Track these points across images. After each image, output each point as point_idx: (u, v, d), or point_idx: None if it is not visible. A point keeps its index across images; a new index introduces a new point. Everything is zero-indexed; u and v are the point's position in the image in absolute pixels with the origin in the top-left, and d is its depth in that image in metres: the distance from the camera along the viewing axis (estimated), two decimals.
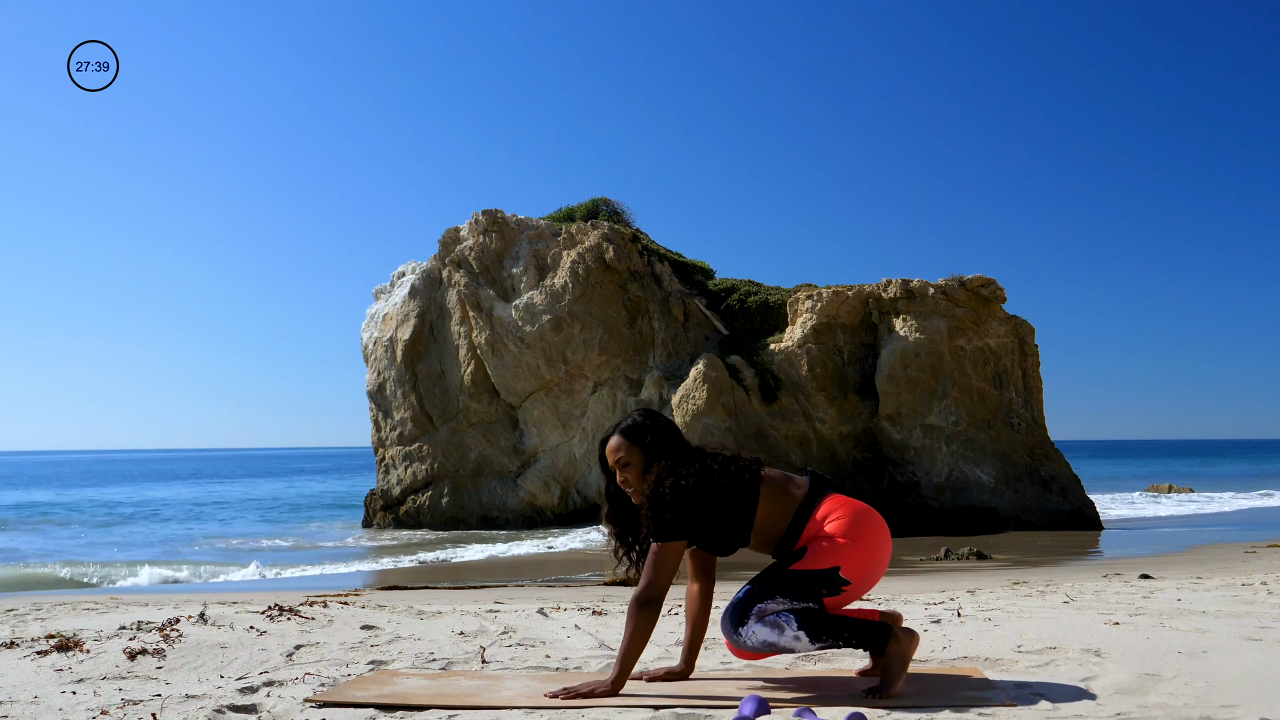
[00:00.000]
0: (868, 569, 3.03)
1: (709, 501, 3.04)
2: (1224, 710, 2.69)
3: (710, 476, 3.06)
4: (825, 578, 2.98)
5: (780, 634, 2.97)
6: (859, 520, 3.04)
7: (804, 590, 2.99)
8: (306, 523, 24.98)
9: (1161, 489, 32.96)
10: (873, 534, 3.04)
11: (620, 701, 2.90)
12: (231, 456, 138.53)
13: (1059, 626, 4.23)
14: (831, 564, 2.98)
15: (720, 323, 20.11)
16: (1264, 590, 5.79)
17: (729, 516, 3.07)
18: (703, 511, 3.04)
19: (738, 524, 3.08)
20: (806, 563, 3.00)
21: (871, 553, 3.03)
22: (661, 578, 3.01)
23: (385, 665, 3.62)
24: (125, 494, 40.41)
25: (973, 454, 18.57)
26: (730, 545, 3.13)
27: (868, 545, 3.02)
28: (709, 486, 3.04)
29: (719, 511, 3.06)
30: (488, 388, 20.90)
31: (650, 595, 3.00)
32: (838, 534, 3.01)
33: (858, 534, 3.02)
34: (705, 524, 3.06)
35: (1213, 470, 53.58)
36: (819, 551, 3.00)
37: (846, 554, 2.99)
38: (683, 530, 3.02)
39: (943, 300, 18.79)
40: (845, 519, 3.03)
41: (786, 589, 2.99)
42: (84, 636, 3.93)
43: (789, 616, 2.97)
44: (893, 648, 2.96)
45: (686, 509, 3.00)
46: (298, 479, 55.49)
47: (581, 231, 20.41)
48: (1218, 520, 21.45)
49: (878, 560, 3.05)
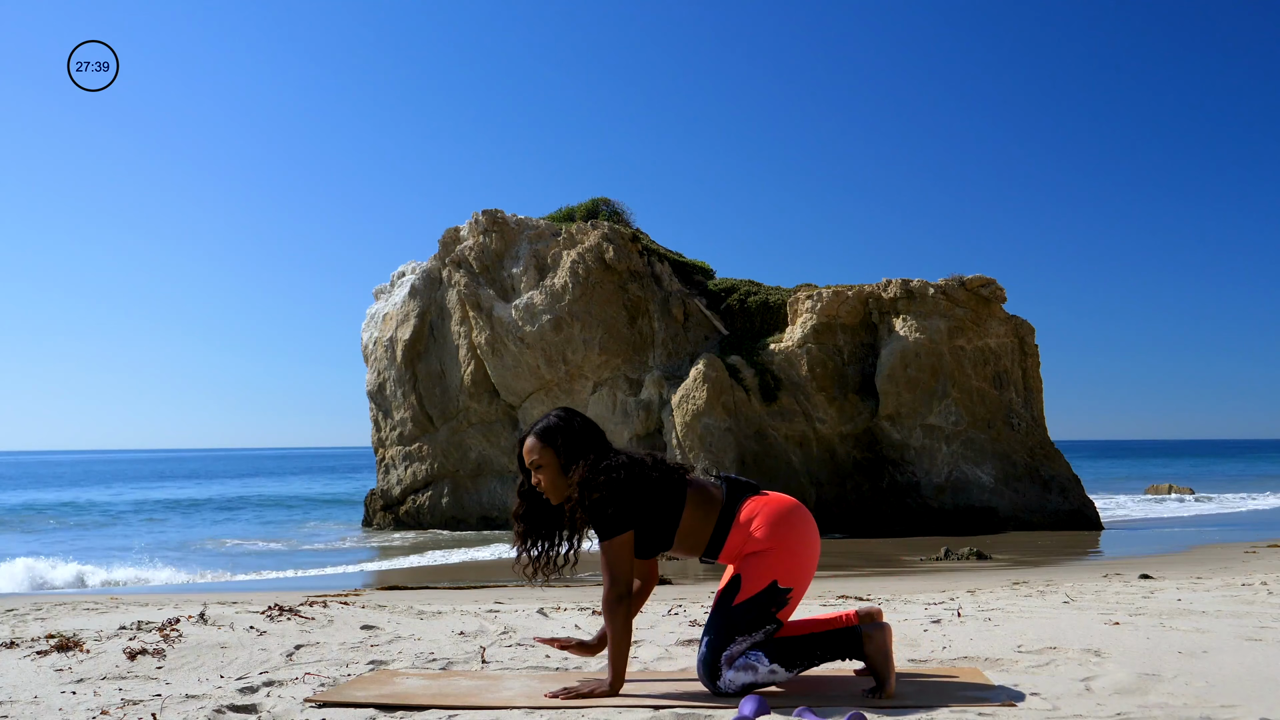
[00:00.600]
0: (800, 568, 3.03)
1: (641, 495, 3.04)
2: (1224, 710, 2.69)
3: (643, 471, 3.06)
4: (768, 597, 2.99)
5: (755, 673, 2.98)
6: (779, 520, 3.04)
7: (756, 620, 2.99)
8: (306, 523, 24.99)
9: (1161, 489, 32.95)
10: (794, 530, 3.04)
11: (620, 701, 2.90)
12: (231, 456, 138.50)
13: (1059, 626, 4.23)
14: (768, 580, 2.99)
15: (720, 323, 20.10)
16: (1264, 590, 5.79)
17: (656, 516, 3.08)
18: (637, 504, 3.04)
19: (663, 525, 3.09)
20: (745, 591, 3.00)
21: (799, 551, 3.03)
22: (621, 573, 3.01)
23: (385, 665, 3.62)
24: (125, 494, 40.40)
25: (973, 454, 18.57)
26: (655, 546, 3.13)
27: (793, 545, 3.02)
28: (642, 480, 3.04)
29: (648, 509, 3.06)
30: (488, 388, 20.90)
31: (617, 593, 3.00)
32: (760, 545, 3.02)
33: (780, 536, 3.02)
34: (640, 518, 3.06)
35: (1213, 470, 53.58)
36: (751, 574, 3.01)
37: (775, 563, 3.00)
38: (626, 521, 3.02)
39: (943, 300, 18.79)
40: (765, 524, 3.03)
41: (740, 626, 2.99)
42: (84, 636, 3.93)
43: (758, 655, 2.98)
44: (869, 648, 2.96)
45: (623, 501, 3.00)
46: (298, 479, 55.48)
47: (581, 231, 20.41)
48: (1218, 520, 21.45)
49: (807, 556, 3.05)
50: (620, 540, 3.01)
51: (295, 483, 50.72)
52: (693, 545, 3.11)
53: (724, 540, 3.07)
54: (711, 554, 3.10)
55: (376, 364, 22.22)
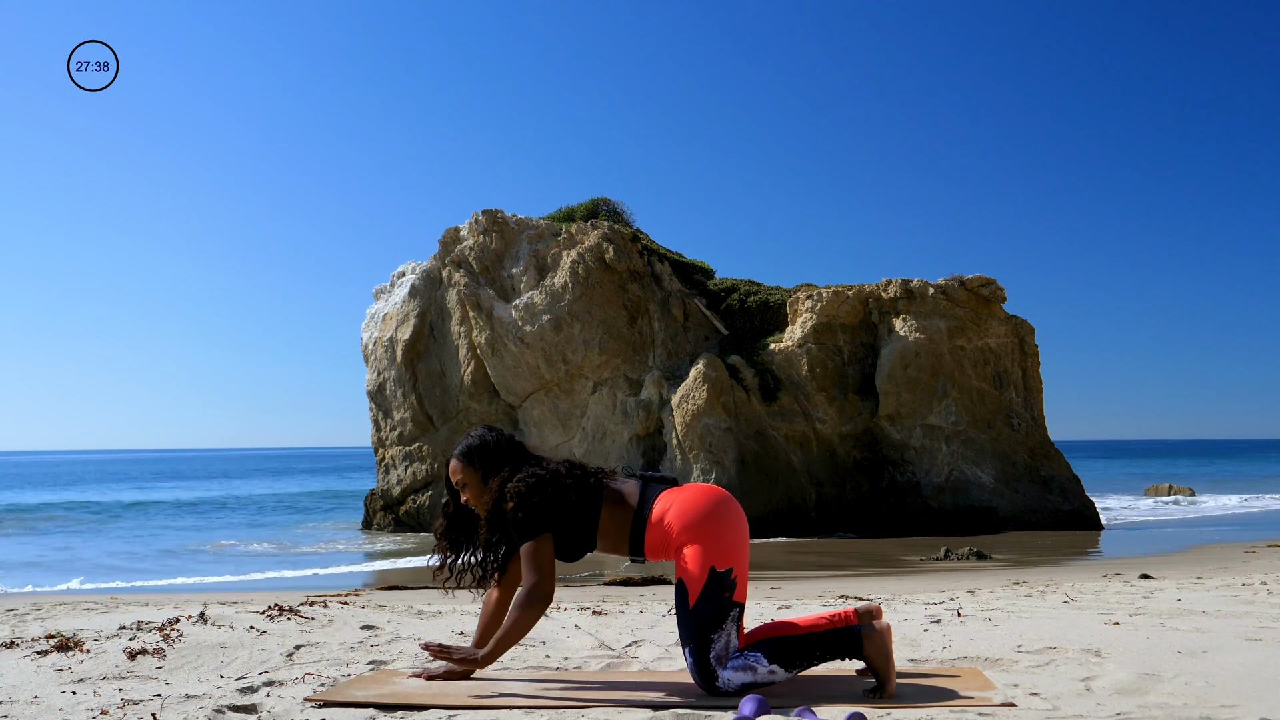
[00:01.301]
0: (729, 546, 3.04)
1: (555, 500, 3.10)
2: (1224, 710, 2.69)
3: (556, 475, 3.13)
4: (715, 586, 3.00)
5: (755, 674, 2.99)
6: (691, 510, 3.06)
7: (717, 612, 3.00)
8: (306, 523, 24.99)
9: (1161, 489, 32.93)
10: (710, 515, 3.05)
11: (621, 699, 2.90)
12: (231, 456, 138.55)
13: (1059, 626, 4.23)
14: (705, 571, 3.00)
15: (720, 323, 20.10)
16: (1264, 590, 5.79)
17: (575, 519, 3.13)
18: (551, 509, 3.09)
19: (583, 527, 3.14)
20: (692, 590, 3.01)
21: (720, 532, 3.04)
22: (543, 573, 3.06)
23: (385, 665, 3.62)
24: (125, 495, 40.41)
25: (973, 454, 18.57)
26: (577, 549, 3.19)
27: (712, 528, 3.03)
28: (555, 484, 3.11)
29: (565, 512, 3.11)
30: (488, 388, 20.90)
31: (541, 592, 3.05)
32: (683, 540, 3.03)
33: (697, 527, 3.03)
34: (556, 522, 3.11)
35: (1213, 470, 53.58)
36: (688, 572, 3.02)
37: (704, 552, 3.01)
38: (543, 522, 3.08)
39: (943, 300, 18.79)
40: (678, 519, 3.06)
41: (707, 624, 3.00)
42: (84, 636, 3.93)
43: (756, 655, 3.00)
44: (868, 648, 2.96)
45: (534, 505, 3.06)
46: (297, 479, 55.49)
47: (581, 231, 20.41)
48: (1218, 520, 21.45)
49: (732, 533, 3.06)
50: (538, 543, 3.08)
51: (295, 483, 50.73)
52: (616, 545, 3.16)
53: (643, 539, 3.12)
54: (637, 552, 3.15)
55: (376, 364, 22.22)
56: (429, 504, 21.08)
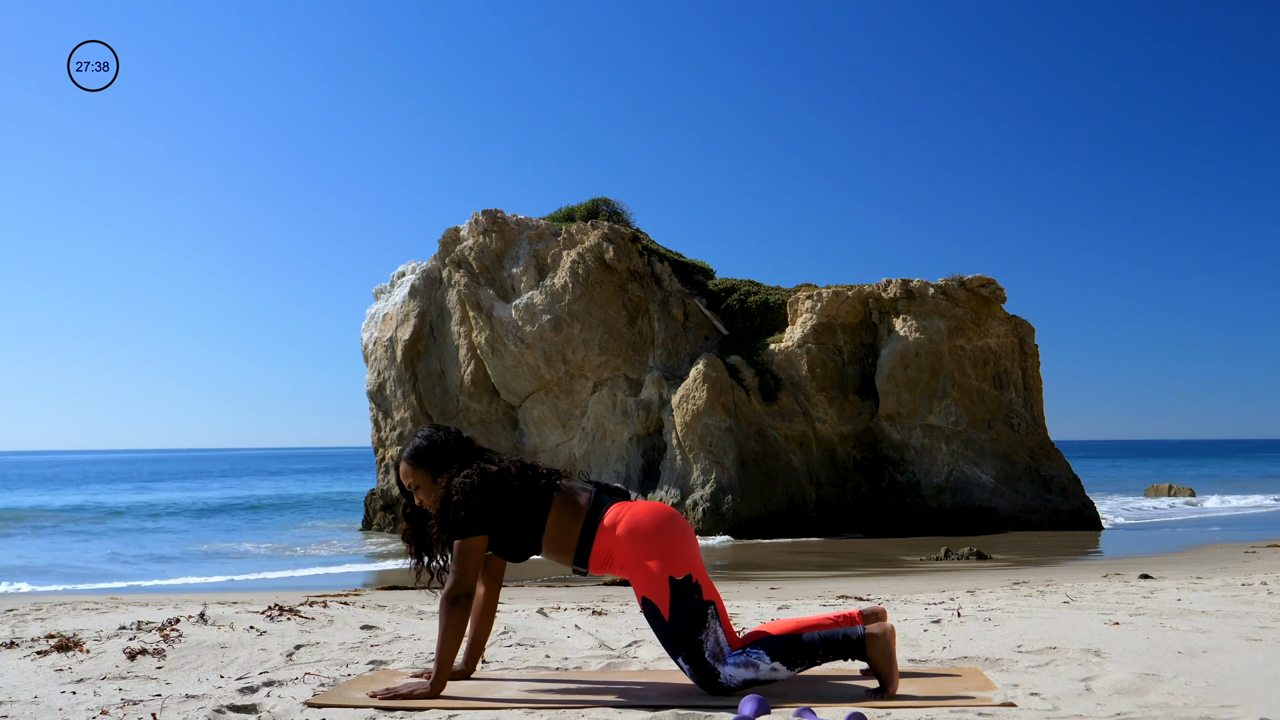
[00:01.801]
0: (681, 555, 3.03)
1: (500, 499, 3.07)
2: (1224, 710, 2.69)
3: (501, 475, 3.10)
4: (680, 592, 3.00)
5: (757, 670, 2.99)
6: (639, 532, 3.04)
7: (693, 616, 2.99)
8: (306, 523, 24.98)
9: (1161, 489, 32.91)
10: (658, 532, 3.04)
11: (621, 699, 2.90)
12: (231, 456, 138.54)
13: (1059, 626, 4.23)
14: (665, 583, 3.00)
15: (720, 323, 20.10)
16: (1264, 590, 5.79)
17: (520, 519, 3.11)
18: (494, 508, 3.07)
19: (529, 528, 3.11)
20: (660, 604, 3.00)
21: (669, 546, 3.03)
22: (465, 575, 3.04)
23: (385, 665, 3.62)
24: (125, 495, 40.41)
25: (973, 454, 18.57)
26: (521, 550, 3.17)
27: (661, 544, 3.02)
28: (499, 484, 3.08)
29: (511, 512, 3.09)
30: (488, 388, 20.90)
31: (456, 593, 3.03)
32: (633, 560, 3.03)
33: (647, 543, 3.03)
34: (498, 522, 3.09)
35: (1213, 470, 53.58)
36: (651, 589, 3.01)
37: (657, 567, 3.00)
38: (477, 525, 3.05)
39: (943, 300, 18.79)
40: (628, 536, 3.04)
41: (689, 630, 2.99)
42: (84, 636, 3.93)
43: (759, 653, 3.00)
44: (872, 650, 2.96)
45: (476, 505, 3.04)
46: (297, 479, 55.48)
47: (581, 231, 20.41)
48: (1218, 520, 21.45)
49: (680, 544, 3.05)
50: (469, 543, 3.05)
51: (295, 483, 50.71)
52: (561, 550, 3.13)
53: (590, 549, 3.09)
54: (581, 561, 3.12)
55: (376, 364, 22.22)
56: None
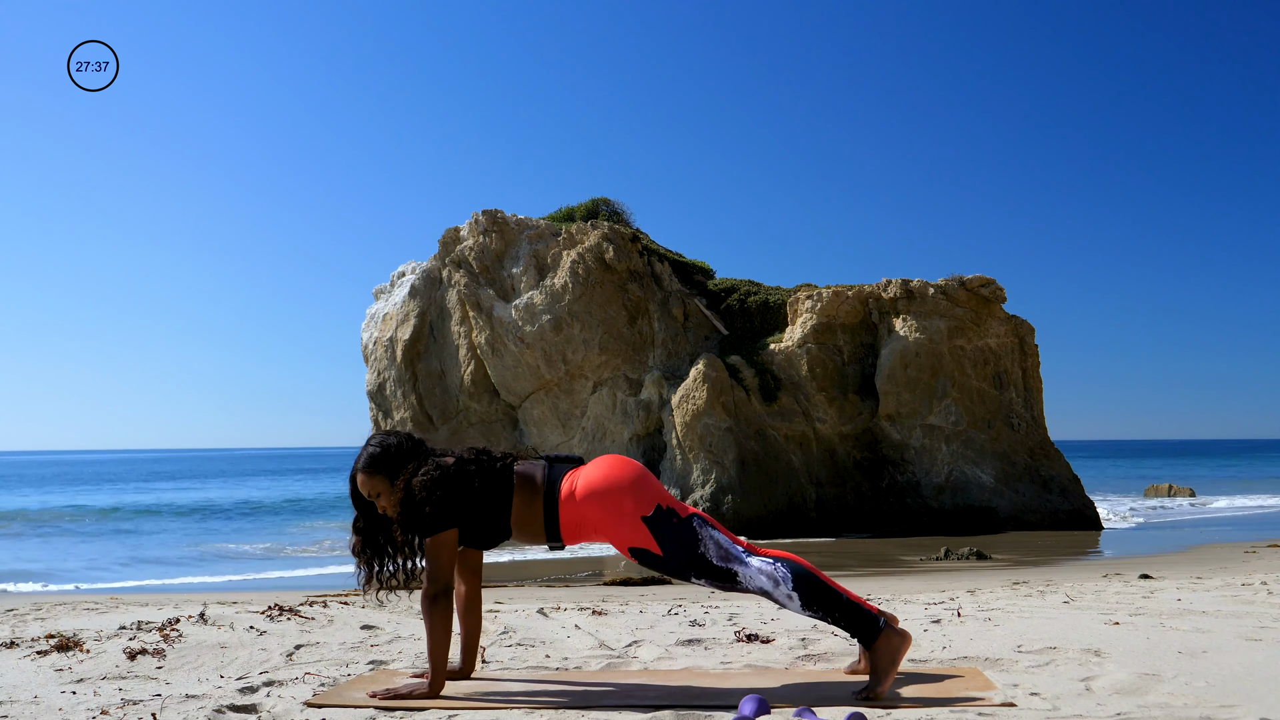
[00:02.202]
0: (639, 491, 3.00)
1: (461, 490, 3.05)
2: (1224, 710, 2.69)
3: (459, 466, 3.08)
4: (659, 525, 2.97)
5: (776, 587, 2.95)
6: (595, 479, 3.03)
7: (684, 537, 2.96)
8: (306, 523, 24.98)
9: (1161, 490, 32.90)
10: (612, 475, 3.02)
11: (620, 701, 2.90)
12: (231, 456, 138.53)
13: (1059, 626, 4.23)
14: (637, 525, 2.98)
15: (720, 323, 20.11)
16: (1264, 590, 5.79)
17: (485, 506, 3.09)
18: (458, 500, 3.05)
19: (495, 514, 3.10)
20: (645, 541, 2.97)
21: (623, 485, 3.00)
22: (440, 571, 3.03)
23: (385, 665, 3.62)
24: (125, 495, 40.41)
25: (973, 454, 18.57)
26: (492, 536, 3.15)
27: (615, 488, 2.99)
28: (458, 476, 3.06)
29: (474, 500, 3.07)
30: (488, 388, 20.91)
31: (435, 590, 3.02)
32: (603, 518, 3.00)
33: (606, 491, 3.00)
34: (464, 514, 3.07)
35: (1213, 470, 53.57)
36: (629, 534, 2.98)
37: (627, 513, 2.97)
38: (444, 519, 3.03)
39: (943, 300, 18.80)
40: (586, 490, 3.02)
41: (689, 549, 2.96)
42: (84, 636, 3.93)
43: (785, 573, 2.95)
44: (882, 642, 2.93)
45: (439, 499, 3.02)
46: (297, 479, 55.49)
47: (581, 231, 20.41)
48: (1218, 520, 21.46)
49: (637, 482, 3.02)
50: (440, 539, 3.03)
51: (295, 483, 50.72)
52: (531, 530, 3.11)
53: (556, 522, 3.06)
54: (554, 537, 3.10)
55: (376, 364, 22.22)
56: None
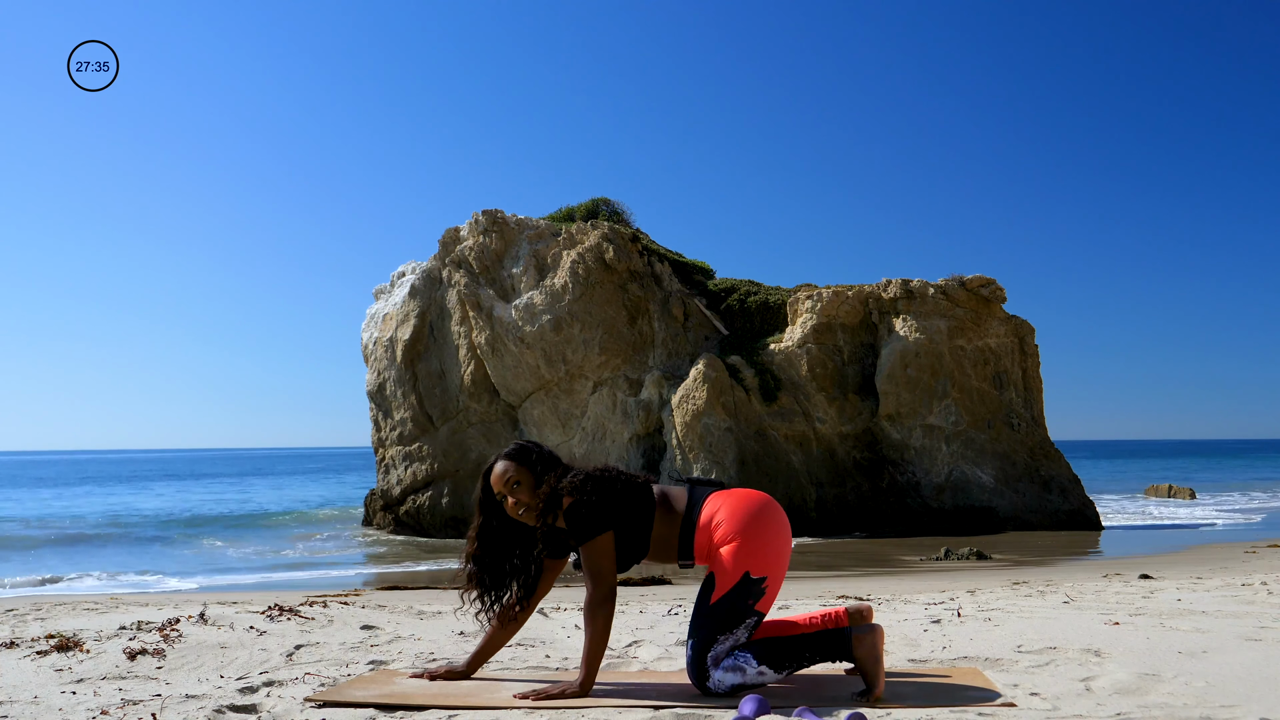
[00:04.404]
0: (771, 556, 3.01)
1: (610, 497, 3.05)
2: (1224, 710, 2.69)
3: (607, 479, 3.07)
4: (742, 589, 2.98)
5: (744, 675, 2.97)
6: (741, 513, 3.03)
7: (733, 615, 2.98)
8: (306, 522, 24.98)
9: (1161, 489, 32.90)
10: (759, 520, 3.02)
11: (620, 702, 2.90)
12: (231, 456, 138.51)
13: (1059, 626, 4.23)
14: (739, 573, 2.98)
15: (720, 323, 20.11)
16: (1264, 590, 5.79)
17: (629, 525, 3.08)
18: (608, 505, 3.04)
19: (638, 533, 3.09)
20: (720, 588, 3.00)
21: (766, 539, 3.01)
22: (604, 574, 3.02)
23: (385, 665, 3.62)
24: (125, 495, 40.40)
25: (973, 454, 18.57)
26: (631, 556, 3.13)
27: (758, 534, 3.00)
28: (607, 484, 3.06)
29: (618, 512, 3.07)
30: (488, 388, 20.90)
31: (602, 595, 3.01)
32: (726, 538, 3.00)
33: (744, 528, 3.00)
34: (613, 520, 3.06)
35: (1213, 470, 53.56)
36: (722, 570, 3.00)
37: (744, 554, 2.98)
38: (601, 521, 3.02)
39: (943, 300, 18.79)
40: (727, 519, 3.02)
41: (720, 624, 2.98)
42: (84, 636, 3.93)
43: (746, 656, 2.97)
44: (859, 651, 2.93)
45: (593, 502, 3.01)
46: (297, 479, 55.48)
47: (581, 231, 20.41)
48: (1218, 520, 21.45)
49: (776, 543, 3.03)
50: (597, 543, 3.02)
51: (295, 483, 50.71)
52: (666, 551, 3.12)
53: (692, 542, 3.07)
54: (686, 557, 3.10)
55: (376, 364, 22.22)
56: (429, 504, 21.08)
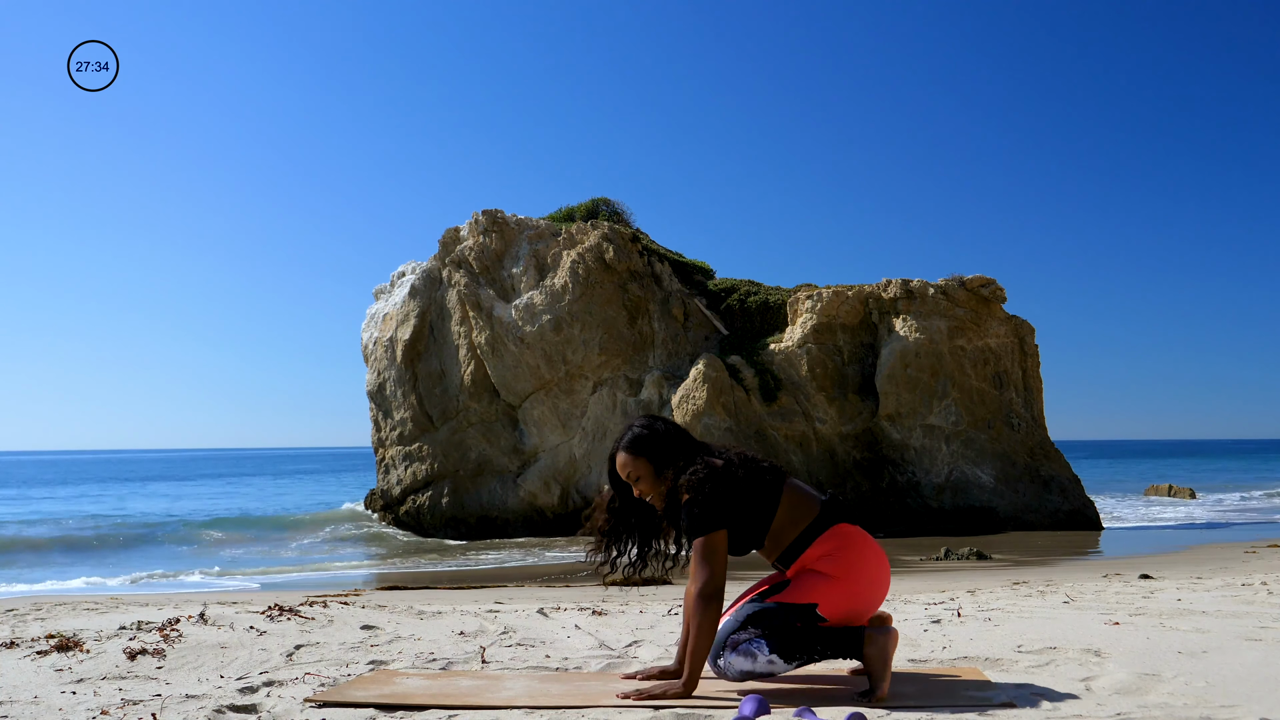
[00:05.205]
0: (850, 609, 3.01)
1: (729, 492, 3.02)
2: (1224, 710, 2.69)
3: (727, 469, 3.05)
4: (800, 613, 2.99)
5: (754, 661, 2.97)
6: (854, 558, 3.02)
7: (776, 623, 3.00)
8: (305, 523, 24.96)
9: (1161, 489, 32.90)
10: (863, 573, 3.02)
11: (620, 701, 2.90)
12: (231, 456, 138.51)
13: (1059, 626, 4.23)
14: (809, 600, 2.99)
15: (720, 323, 20.11)
16: (1264, 590, 5.79)
17: (747, 512, 3.06)
18: (726, 502, 3.02)
19: (755, 522, 3.06)
20: (786, 596, 3.01)
21: (856, 595, 3.01)
22: (715, 570, 2.97)
23: (385, 665, 3.62)
24: (125, 495, 40.41)
25: (973, 454, 18.57)
26: (746, 543, 3.12)
27: (853, 586, 3.00)
28: (727, 478, 3.03)
29: (738, 505, 3.04)
30: (488, 388, 20.90)
31: (712, 589, 2.95)
32: (829, 570, 3.00)
33: (847, 571, 3.00)
34: (730, 516, 3.05)
35: (1213, 470, 53.57)
36: (801, 586, 3.00)
37: (828, 591, 2.98)
38: (716, 519, 2.99)
39: (943, 300, 18.79)
40: (841, 558, 3.02)
41: (760, 619, 3.00)
42: (84, 636, 3.93)
43: (759, 643, 2.98)
44: (869, 649, 2.93)
45: (710, 498, 2.99)
46: (297, 479, 55.48)
47: (581, 231, 20.41)
48: (1218, 520, 21.45)
49: (863, 602, 3.03)
50: (710, 540, 2.98)
51: (294, 482, 50.71)
52: (773, 548, 3.10)
53: (801, 552, 3.05)
54: (785, 561, 3.09)
55: (376, 364, 22.22)
56: (429, 504, 21.09)
